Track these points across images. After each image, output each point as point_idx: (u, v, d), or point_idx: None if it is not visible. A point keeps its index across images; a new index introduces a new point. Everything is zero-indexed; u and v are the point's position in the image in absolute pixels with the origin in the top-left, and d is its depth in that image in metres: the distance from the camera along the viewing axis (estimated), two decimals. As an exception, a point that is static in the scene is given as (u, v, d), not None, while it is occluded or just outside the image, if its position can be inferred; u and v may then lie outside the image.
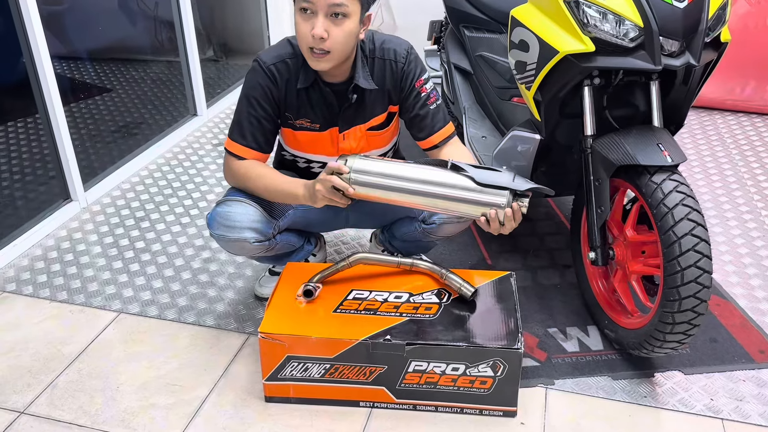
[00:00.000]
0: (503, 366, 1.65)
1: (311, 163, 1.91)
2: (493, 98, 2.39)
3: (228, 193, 1.85)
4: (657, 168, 1.68)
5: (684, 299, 1.60)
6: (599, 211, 1.82)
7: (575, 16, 1.65)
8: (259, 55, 1.75)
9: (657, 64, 1.62)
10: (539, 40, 1.75)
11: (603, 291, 2.01)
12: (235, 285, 2.25)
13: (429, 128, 1.82)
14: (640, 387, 1.82)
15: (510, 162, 2.06)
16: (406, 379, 1.70)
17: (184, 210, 2.72)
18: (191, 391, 1.81)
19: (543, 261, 2.36)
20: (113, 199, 2.79)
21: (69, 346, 1.97)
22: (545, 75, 1.77)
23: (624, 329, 1.88)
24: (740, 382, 1.83)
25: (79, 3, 3.13)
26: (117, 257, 2.40)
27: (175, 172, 3.03)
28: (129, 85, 3.60)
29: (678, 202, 1.62)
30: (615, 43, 1.63)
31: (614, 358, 1.92)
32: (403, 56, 1.76)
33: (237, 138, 1.77)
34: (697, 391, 1.80)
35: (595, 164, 1.82)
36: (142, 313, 2.12)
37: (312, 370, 1.71)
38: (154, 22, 3.87)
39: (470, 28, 2.52)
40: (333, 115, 1.78)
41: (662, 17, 1.59)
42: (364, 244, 2.47)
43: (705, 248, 1.60)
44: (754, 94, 3.42)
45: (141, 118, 3.45)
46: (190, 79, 3.49)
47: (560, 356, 1.93)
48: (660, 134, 1.75)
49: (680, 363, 1.89)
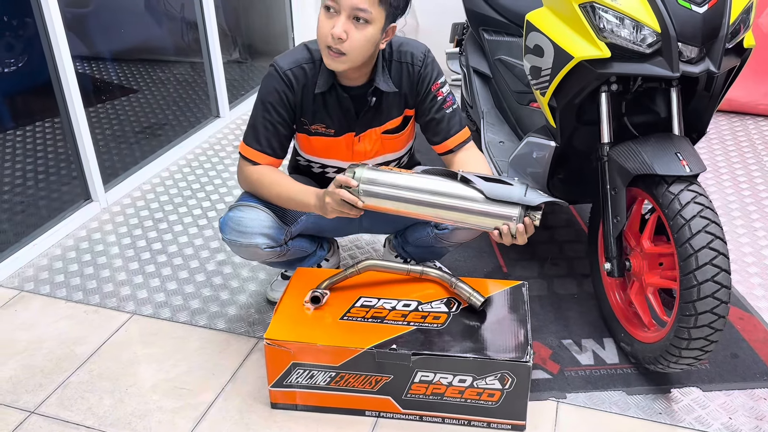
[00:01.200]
0: (511, 379, 1.61)
1: (326, 168, 1.90)
2: (511, 103, 2.35)
3: (241, 198, 1.85)
4: (675, 178, 1.63)
5: (700, 314, 1.55)
6: (615, 221, 1.77)
7: (591, 21, 1.61)
8: (275, 60, 1.74)
9: (675, 70, 1.56)
10: (554, 45, 1.70)
11: (620, 303, 1.96)
12: (248, 288, 2.25)
13: (444, 132, 1.79)
14: (656, 403, 1.76)
15: (526, 168, 2.02)
16: (413, 389, 1.67)
17: (202, 212, 2.73)
18: (198, 396, 1.82)
19: (561, 270, 2.31)
20: (133, 200, 2.82)
21: (82, 347, 1.99)
22: (560, 81, 1.72)
23: (640, 343, 1.82)
24: (761, 400, 1.76)
25: (105, 5, 3.18)
26: (134, 258, 2.42)
27: (195, 174, 3.05)
28: (155, 86, 3.64)
29: (696, 214, 1.57)
30: (631, 49, 1.58)
31: (630, 373, 1.86)
32: (420, 59, 1.74)
33: (251, 143, 1.76)
34: (715, 409, 1.74)
35: (611, 173, 1.76)
36: (155, 315, 2.13)
37: (317, 377, 1.70)
38: (180, 23, 3.91)
39: (490, 31, 2.48)
40: (349, 120, 1.77)
41: (680, 22, 1.53)
42: (378, 249, 2.45)
43: (723, 262, 1.54)
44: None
45: (165, 119, 3.48)
46: (213, 80, 3.51)
47: (574, 369, 1.88)
48: (679, 143, 1.69)
49: (699, 379, 1.83)
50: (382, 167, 1.63)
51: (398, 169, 1.63)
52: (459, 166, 1.80)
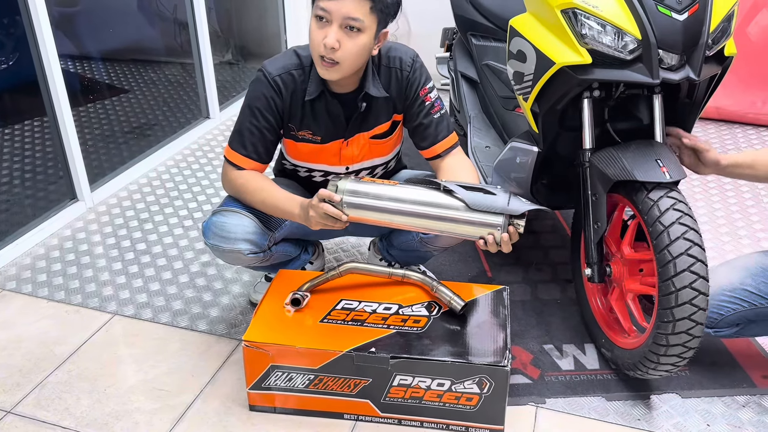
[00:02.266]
0: (489, 383, 1.61)
1: (312, 172, 1.90)
2: (497, 108, 2.35)
3: (224, 202, 1.84)
4: (655, 184, 1.63)
5: (678, 321, 1.55)
6: (596, 226, 1.78)
7: (573, 27, 1.61)
8: (264, 65, 1.73)
9: (655, 77, 1.57)
10: (536, 51, 1.71)
11: (601, 308, 1.96)
12: (232, 290, 2.25)
13: (432, 137, 1.79)
14: (635, 409, 1.76)
15: (509, 173, 2.02)
16: (391, 392, 1.67)
17: (188, 213, 2.72)
18: (176, 397, 1.81)
19: (545, 275, 2.31)
20: (120, 200, 2.81)
21: (61, 347, 1.98)
22: (542, 86, 1.73)
23: (620, 349, 1.82)
24: (740, 408, 1.77)
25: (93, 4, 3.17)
26: (117, 258, 2.41)
27: (183, 175, 3.04)
28: (146, 86, 3.63)
29: (674, 221, 1.57)
30: (612, 56, 1.59)
31: (610, 378, 1.86)
32: (409, 64, 1.74)
33: (237, 147, 1.76)
34: (694, 416, 1.74)
35: (592, 179, 1.77)
36: (137, 315, 2.12)
37: (296, 380, 1.69)
38: (171, 24, 3.91)
39: (477, 36, 2.48)
40: (337, 127, 1.77)
41: (661, 30, 1.54)
42: (364, 252, 2.45)
43: (701, 269, 1.54)
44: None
45: (155, 120, 3.48)
46: (203, 81, 3.51)
47: (554, 374, 1.88)
48: (660, 150, 1.70)
49: (678, 385, 1.83)
50: (364, 179, 1.63)
51: (381, 180, 1.63)
52: (446, 172, 1.80)
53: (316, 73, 1.70)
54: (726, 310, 1.72)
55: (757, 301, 1.71)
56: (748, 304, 1.72)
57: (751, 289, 1.72)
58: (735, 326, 1.75)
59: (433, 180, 1.62)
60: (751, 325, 1.76)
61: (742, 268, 1.77)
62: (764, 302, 1.71)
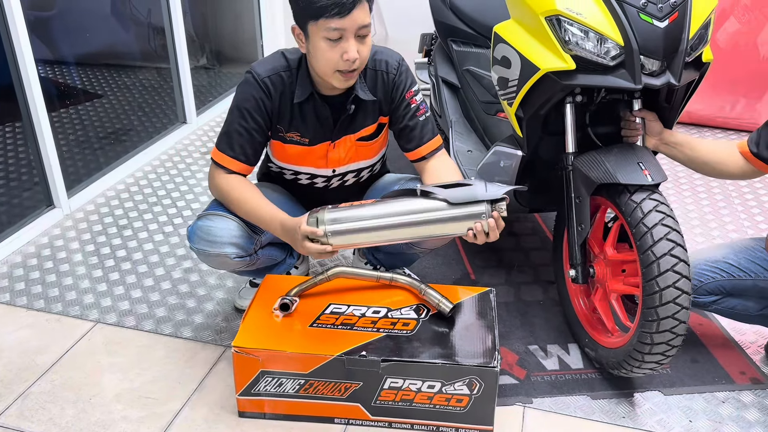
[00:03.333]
0: (479, 384, 1.63)
1: (299, 174, 1.90)
2: (479, 113, 2.38)
3: (210, 206, 1.83)
4: (637, 187, 1.67)
5: (662, 320, 1.59)
6: (579, 228, 1.81)
7: (556, 33, 1.64)
8: (252, 66, 1.73)
9: (637, 83, 1.61)
10: (521, 57, 1.74)
11: (584, 309, 2.00)
12: (216, 296, 2.23)
13: (417, 140, 1.81)
14: (619, 407, 1.80)
15: (493, 177, 2.05)
16: (382, 395, 1.68)
17: (168, 219, 2.70)
18: (164, 405, 1.79)
19: (527, 277, 2.35)
20: (97, 207, 2.77)
21: (43, 356, 1.95)
22: (527, 92, 1.76)
23: (604, 348, 1.86)
24: (720, 404, 1.81)
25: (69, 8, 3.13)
26: (97, 266, 2.38)
27: (161, 180, 3.01)
28: (120, 91, 3.59)
29: (657, 222, 1.61)
30: (596, 62, 1.62)
31: (594, 377, 1.90)
32: (395, 67, 1.76)
33: (225, 149, 1.75)
34: (677, 413, 1.78)
35: (575, 182, 1.80)
36: (119, 323, 2.09)
37: (286, 385, 1.69)
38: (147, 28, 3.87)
39: (458, 42, 2.51)
40: (325, 129, 1.77)
41: (643, 36, 1.58)
42: (348, 256, 2.45)
43: (684, 269, 1.58)
44: (743, 111, 3.42)
45: (130, 125, 3.44)
46: (180, 86, 3.48)
47: (540, 374, 1.91)
48: (641, 153, 1.74)
49: (660, 383, 1.88)
50: (341, 204, 1.62)
51: (357, 201, 1.64)
52: (430, 174, 1.82)
53: (303, 75, 1.71)
54: (705, 278, 1.80)
55: (736, 273, 1.80)
56: (727, 275, 1.81)
57: (732, 262, 1.81)
58: (713, 295, 1.83)
59: (407, 189, 1.64)
60: (728, 297, 1.83)
61: (727, 246, 1.88)
62: (742, 275, 1.80)
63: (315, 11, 1.54)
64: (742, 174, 1.89)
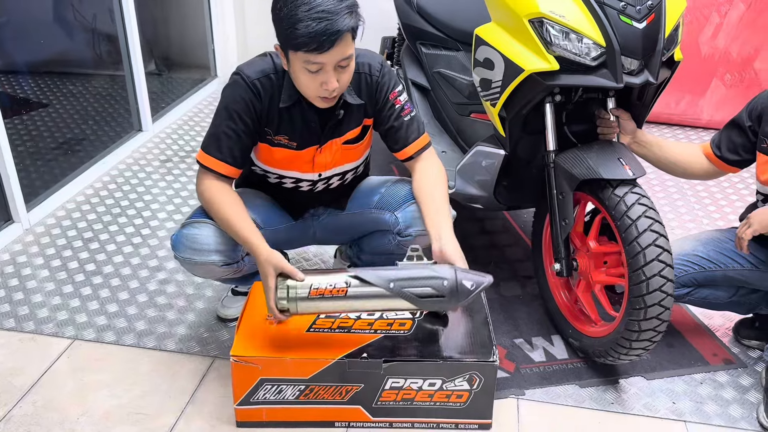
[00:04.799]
0: (479, 379, 1.66)
1: (283, 178, 1.88)
2: (452, 114, 2.42)
3: (195, 213, 1.80)
4: (619, 182, 1.74)
5: (650, 307, 1.66)
6: (563, 223, 1.87)
7: (540, 35, 1.70)
8: (240, 68, 1.71)
9: (619, 81, 1.68)
10: (504, 59, 1.78)
11: (566, 301, 2.06)
12: (196, 307, 2.19)
13: (404, 140, 1.82)
14: (607, 394, 1.87)
15: (474, 176, 2.09)
16: (383, 396, 1.69)
17: (135, 230, 2.62)
18: (157, 419, 1.74)
19: (504, 273, 2.40)
20: (58, 220, 2.66)
21: (20, 377, 1.86)
22: (510, 92, 1.80)
23: (588, 338, 1.93)
24: (698, 384, 1.91)
25: (15, 16, 3.00)
26: (67, 281, 2.29)
27: (122, 190, 2.92)
28: (67, 99, 3.46)
29: (641, 214, 1.69)
30: (578, 62, 1.69)
31: (580, 366, 1.97)
32: (378, 69, 1.76)
33: (212, 152, 1.72)
34: (660, 395, 1.87)
35: (558, 178, 1.86)
36: (99, 339, 2.02)
37: (286, 392, 1.68)
38: (93, 34, 3.75)
39: (427, 45, 2.55)
40: (312, 133, 1.76)
41: (623, 37, 1.65)
42: (326, 260, 2.45)
43: (668, 258, 1.66)
44: (687, 108, 3.61)
45: (82, 134, 3.32)
46: (135, 93, 3.38)
47: (528, 366, 1.96)
48: (620, 149, 1.82)
49: (642, 369, 1.96)
50: (312, 293, 1.59)
51: (330, 277, 1.61)
52: (417, 180, 1.82)
53: (289, 80, 1.70)
54: (678, 272, 1.89)
55: (706, 265, 1.90)
56: (699, 267, 1.91)
57: (702, 254, 1.91)
58: (686, 288, 1.93)
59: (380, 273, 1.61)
60: (700, 288, 1.93)
61: (694, 239, 1.98)
62: (712, 266, 1.90)
63: (294, 45, 1.52)
64: (706, 174, 2.01)
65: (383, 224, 1.91)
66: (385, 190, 1.93)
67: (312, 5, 1.49)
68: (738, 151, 1.92)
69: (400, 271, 1.62)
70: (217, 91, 4.13)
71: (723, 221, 2.77)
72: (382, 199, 1.92)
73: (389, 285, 1.59)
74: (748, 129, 1.88)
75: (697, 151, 2.00)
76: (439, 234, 1.70)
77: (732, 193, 3.02)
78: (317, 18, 1.47)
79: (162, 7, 4.02)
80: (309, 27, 1.47)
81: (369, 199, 1.95)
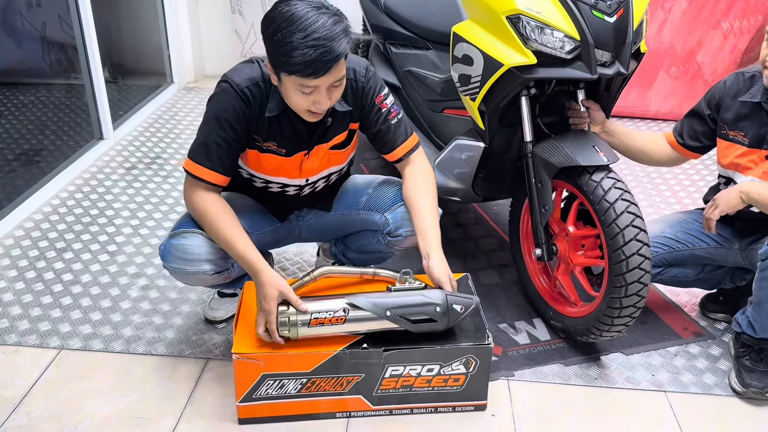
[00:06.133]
0: (475, 362, 1.73)
1: (270, 183, 1.88)
2: (424, 111, 2.49)
3: (182, 222, 1.80)
4: (595, 167, 1.84)
5: (630, 284, 1.77)
6: (543, 210, 1.96)
7: (517, 31, 1.78)
8: (228, 76, 1.69)
9: (593, 73, 1.78)
10: (483, 54, 1.86)
11: (545, 286, 2.16)
12: (181, 310, 2.18)
13: (392, 143, 1.86)
14: (590, 370, 1.97)
15: (453, 170, 2.16)
16: (383, 384, 1.73)
17: (109, 238, 2.58)
18: (157, 422, 1.74)
19: (481, 263, 2.48)
20: (27, 231, 2.60)
21: (9, 390, 1.83)
22: (489, 86, 1.88)
23: (570, 318, 2.02)
24: (673, 357, 2.03)
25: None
26: (44, 292, 2.24)
27: (90, 199, 2.87)
28: (20, 110, 3.38)
29: (618, 197, 1.79)
30: (554, 55, 1.78)
31: (562, 346, 2.06)
32: (363, 74, 1.78)
33: (201, 160, 1.70)
34: (640, 369, 1.98)
35: (537, 167, 1.95)
36: (86, 347, 2.00)
37: (288, 386, 1.70)
38: (43, 43, 3.67)
39: (396, 45, 2.61)
40: (301, 140, 1.77)
41: (596, 31, 1.75)
42: (307, 260, 2.48)
43: (644, 237, 1.77)
44: (636, 100, 3.78)
45: (40, 145, 3.25)
46: (95, 100, 3.32)
47: (514, 349, 2.05)
48: (593, 137, 1.92)
49: (620, 345, 2.07)
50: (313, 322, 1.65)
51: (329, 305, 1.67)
52: (407, 187, 1.87)
53: (276, 90, 1.69)
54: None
55: (674, 245, 2.04)
56: (667, 248, 2.03)
57: (670, 235, 2.04)
58: (657, 268, 2.05)
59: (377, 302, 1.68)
60: (670, 268, 2.06)
61: (662, 221, 2.12)
62: (681, 246, 2.04)
63: (289, 69, 1.52)
64: (670, 161, 2.15)
65: (372, 225, 1.94)
66: (373, 191, 1.96)
67: (308, 32, 1.48)
68: (699, 138, 2.05)
69: (394, 298, 1.70)
70: (174, 97, 4.09)
71: (679, 205, 2.94)
72: (369, 200, 1.96)
73: (386, 313, 1.67)
74: (708, 117, 2.01)
75: (661, 140, 2.12)
76: (428, 252, 1.78)
77: (685, 179, 3.20)
78: (314, 46, 1.47)
79: (115, 14, 3.95)
80: (306, 55, 1.47)
81: (356, 200, 1.98)
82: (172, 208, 2.82)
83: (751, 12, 3.48)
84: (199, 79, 4.40)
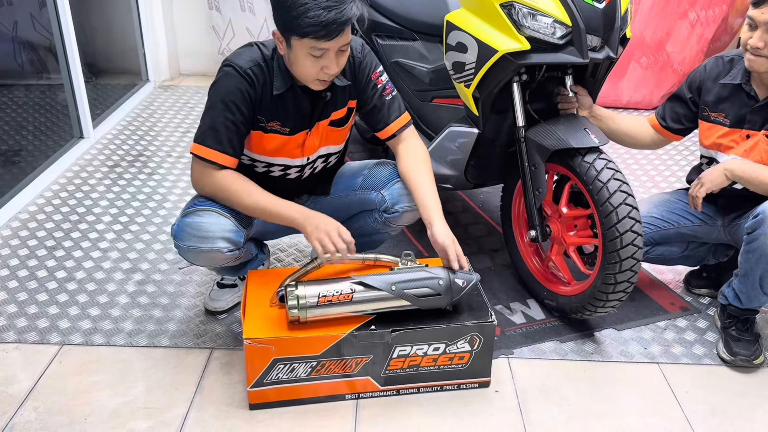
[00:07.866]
0: (479, 339, 1.78)
1: (272, 166, 1.92)
2: (413, 102, 2.53)
3: (194, 202, 1.81)
4: (587, 149, 1.91)
5: (624, 260, 1.84)
6: (537, 192, 2.02)
7: (510, 17, 1.84)
8: (230, 60, 1.74)
9: (585, 57, 1.85)
10: (477, 42, 1.91)
11: (538, 267, 2.22)
12: (181, 303, 2.19)
13: (386, 118, 1.91)
14: (585, 346, 2.04)
15: (446, 157, 2.21)
16: (391, 365, 1.77)
17: (99, 235, 2.57)
18: (168, 412, 1.75)
19: (472, 248, 2.54)
20: (14, 231, 2.57)
21: (14, 386, 1.81)
22: (484, 73, 1.93)
23: (563, 297, 2.09)
24: (663, 330, 2.12)
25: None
26: (39, 290, 2.22)
27: (75, 197, 2.84)
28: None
29: (610, 177, 1.86)
30: (547, 41, 1.84)
31: (557, 324, 2.13)
32: (359, 50, 1.84)
33: (212, 144, 1.73)
34: (632, 343, 2.06)
35: (530, 151, 2.01)
36: (88, 342, 1.99)
37: (298, 370, 1.73)
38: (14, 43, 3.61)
39: (383, 36, 2.65)
40: (304, 117, 1.82)
41: (586, 17, 1.82)
42: (302, 249, 2.50)
43: (636, 215, 1.85)
44: (609, 91, 3.89)
45: (18, 145, 3.21)
46: (75, 99, 3.28)
47: (512, 329, 2.11)
48: (584, 121, 1.99)
49: (612, 322, 2.15)
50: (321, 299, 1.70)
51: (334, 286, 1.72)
52: (403, 161, 1.91)
53: (280, 67, 1.75)
54: None
55: (661, 225, 2.12)
56: (654, 227, 2.11)
57: (656, 215, 2.12)
58: (645, 247, 2.12)
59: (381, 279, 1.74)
60: (657, 246, 2.14)
61: (648, 201, 2.20)
62: (666, 225, 2.12)
63: (302, 32, 1.59)
64: (654, 143, 2.24)
65: (369, 204, 1.99)
66: (368, 172, 2.01)
67: None
68: (681, 120, 2.14)
69: (398, 274, 1.76)
70: (151, 96, 4.06)
71: (665, 183, 3.05)
72: (365, 180, 2.00)
73: (391, 288, 1.72)
74: (689, 100, 2.10)
75: (644, 123, 2.21)
76: (430, 221, 1.83)
77: (668, 159, 3.31)
78: (327, 7, 1.54)
79: (90, 14, 3.90)
80: (319, 16, 1.54)
81: (352, 181, 2.03)
82: (160, 205, 2.81)
83: (716, 2, 3.61)
84: (175, 77, 4.38)
